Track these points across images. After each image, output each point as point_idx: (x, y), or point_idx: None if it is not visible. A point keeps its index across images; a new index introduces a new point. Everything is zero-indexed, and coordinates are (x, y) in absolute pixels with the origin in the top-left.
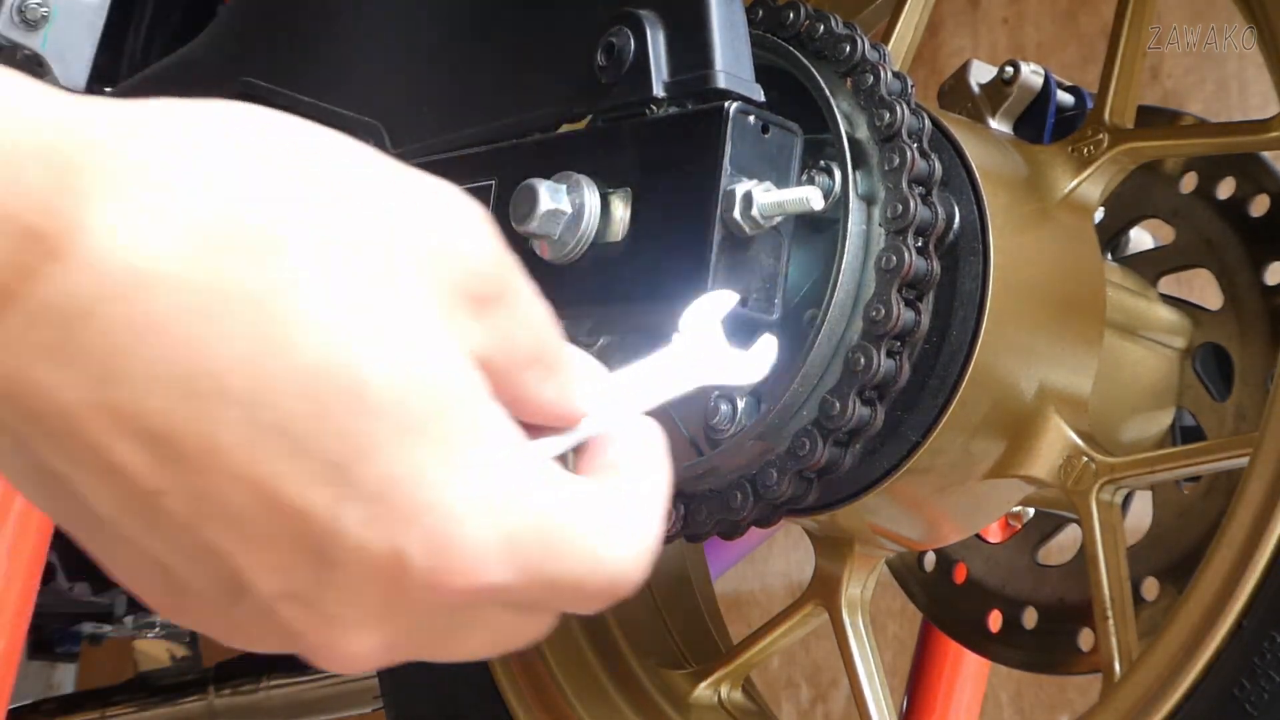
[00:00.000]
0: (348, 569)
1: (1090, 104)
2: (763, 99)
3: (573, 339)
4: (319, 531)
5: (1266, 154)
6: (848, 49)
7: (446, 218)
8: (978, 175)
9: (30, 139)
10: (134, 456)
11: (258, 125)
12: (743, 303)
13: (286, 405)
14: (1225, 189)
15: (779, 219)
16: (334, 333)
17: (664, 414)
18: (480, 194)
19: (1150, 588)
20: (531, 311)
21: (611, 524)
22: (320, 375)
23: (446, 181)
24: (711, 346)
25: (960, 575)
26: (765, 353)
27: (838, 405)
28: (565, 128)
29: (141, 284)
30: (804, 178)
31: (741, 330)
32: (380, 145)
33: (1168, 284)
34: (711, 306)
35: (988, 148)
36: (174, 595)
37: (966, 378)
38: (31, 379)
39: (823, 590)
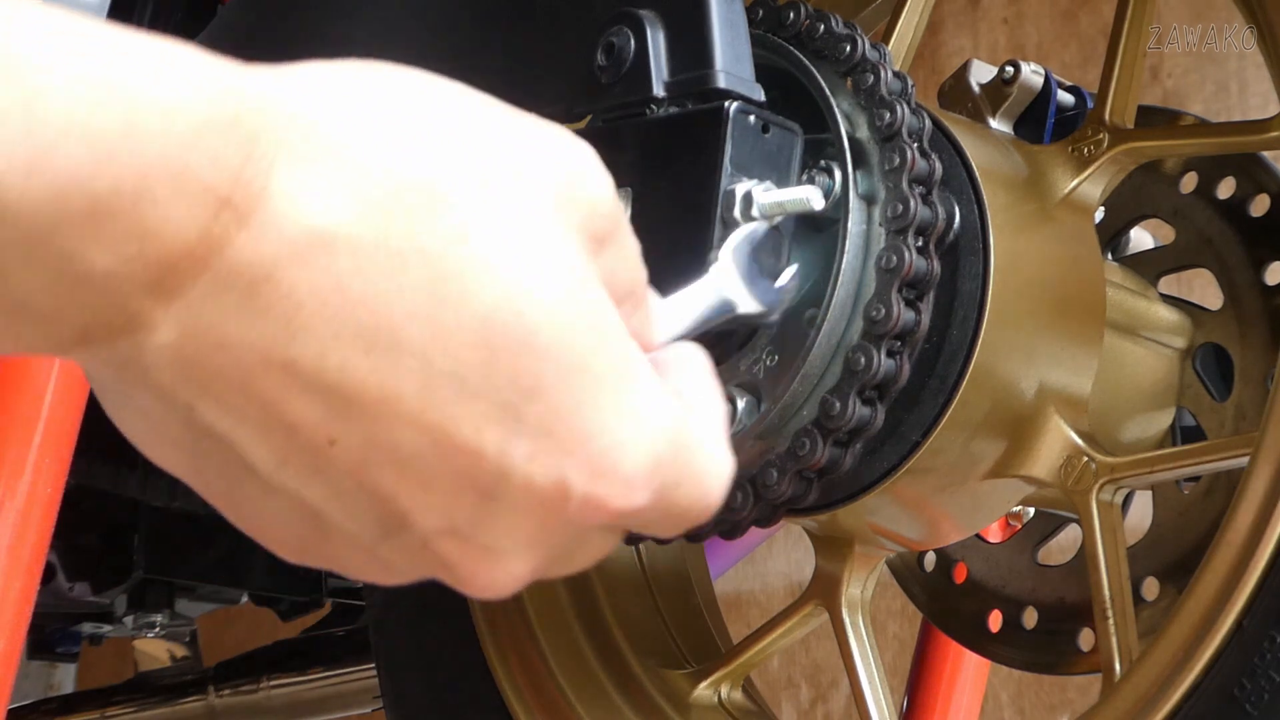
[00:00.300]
0: (511, 501)
1: (1090, 104)
2: (763, 99)
3: None
4: (488, 469)
5: (1266, 154)
6: (848, 49)
7: (573, 160)
8: (978, 175)
9: (219, 112)
10: (309, 410)
11: (401, 82)
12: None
13: (461, 353)
14: (1225, 189)
15: (779, 219)
16: (502, 282)
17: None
18: None
19: (1150, 588)
20: (633, 248)
21: (716, 446)
22: (492, 323)
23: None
24: (743, 274)
25: (960, 575)
26: (789, 282)
27: (838, 405)
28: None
29: (322, 245)
30: (804, 177)
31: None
32: None
33: (1168, 284)
34: (745, 238)
35: (988, 148)
36: (315, 540)
37: (966, 378)
38: (214, 340)
39: (823, 590)
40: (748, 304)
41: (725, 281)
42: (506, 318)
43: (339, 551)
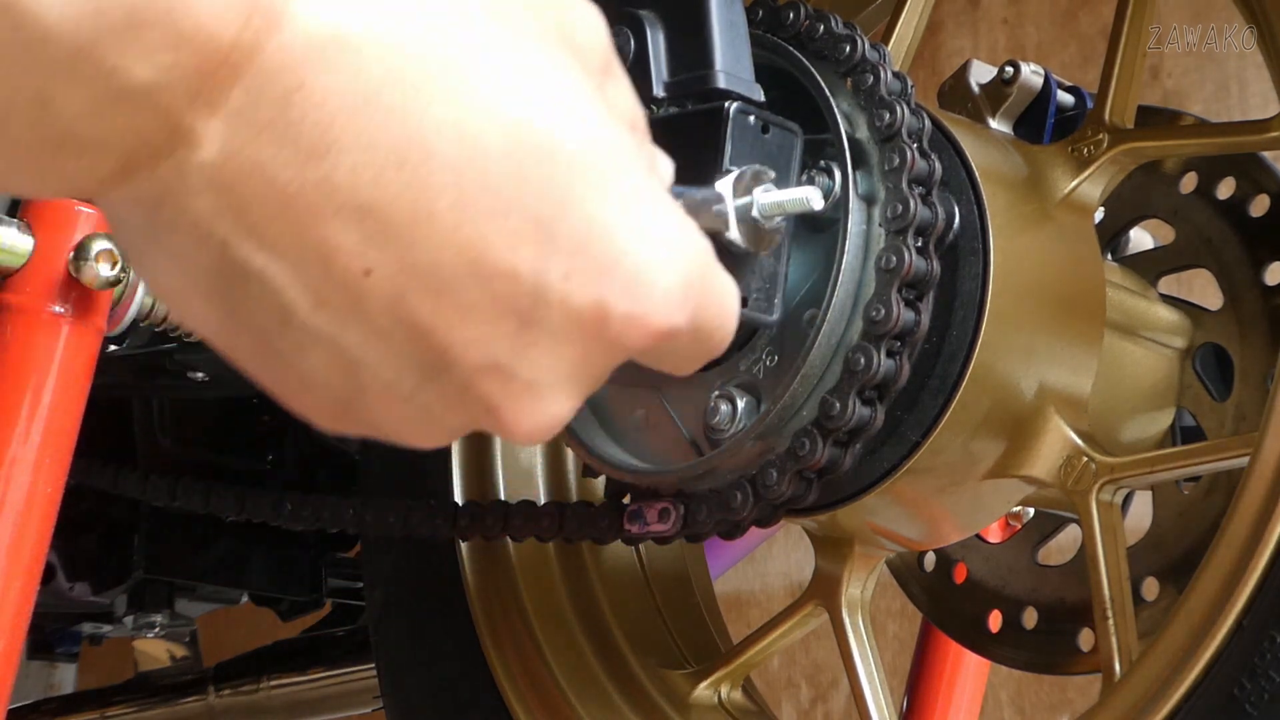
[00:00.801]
0: (551, 326)
1: (1090, 104)
2: (763, 99)
3: None
4: (525, 291)
5: (1266, 154)
6: (848, 49)
7: (570, 4)
8: (978, 175)
9: None
10: (344, 235)
11: None
12: (743, 303)
13: (491, 166)
14: (1225, 189)
15: (779, 219)
16: (527, 94)
17: (664, 413)
18: None
19: (1150, 588)
20: (626, 85)
21: (722, 269)
22: (519, 135)
23: None
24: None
25: (960, 575)
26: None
27: (838, 405)
28: None
29: (350, 48)
30: (804, 178)
31: None
32: None
33: (1168, 284)
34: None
35: (988, 148)
36: (354, 395)
37: (966, 378)
38: (251, 159)
39: (823, 590)
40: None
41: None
42: (535, 128)
43: (378, 406)
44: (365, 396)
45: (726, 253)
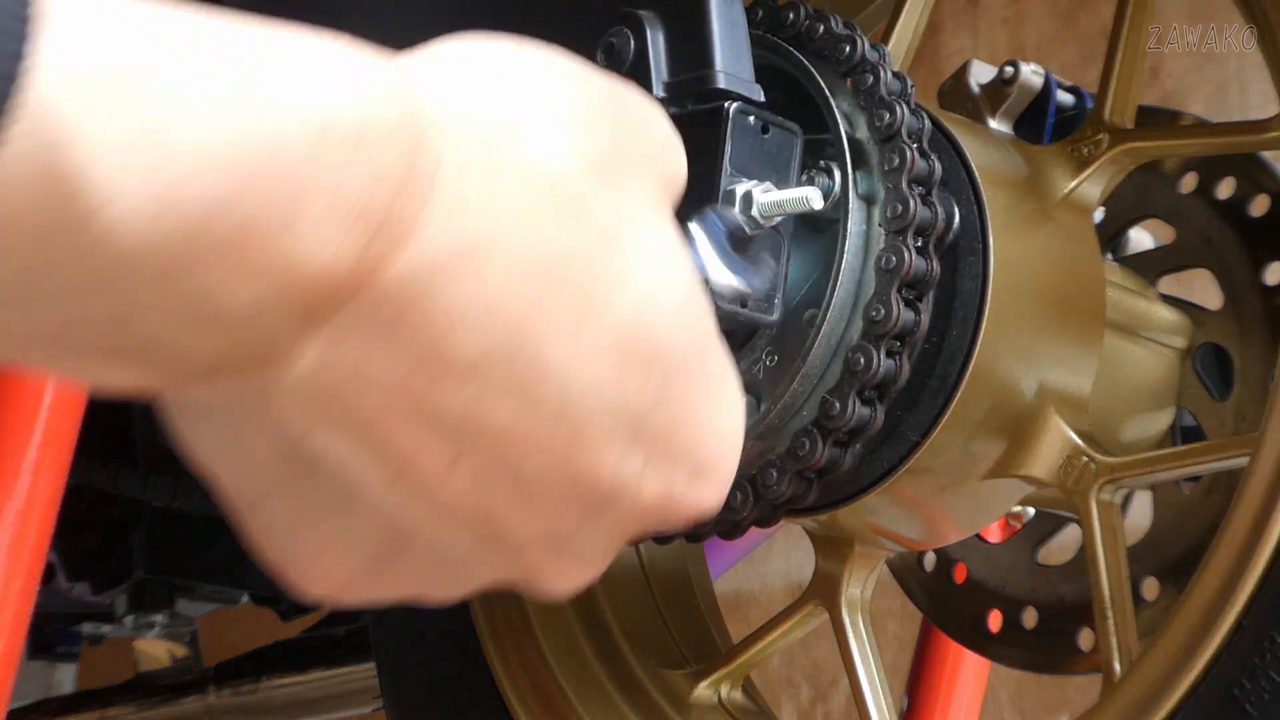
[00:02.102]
0: (618, 513)
1: (1090, 104)
2: (763, 99)
3: None
4: (604, 487)
5: (1266, 154)
6: (848, 49)
7: (667, 137)
8: (978, 175)
9: (377, 119)
10: (436, 438)
11: (523, 61)
12: (742, 303)
13: (599, 368)
14: (1225, 189)
15: (779, 219)
16: (640, 286)
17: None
18: None
19: (1150, 588)
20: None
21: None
22: (629, 331)
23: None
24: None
25: (960, 575)
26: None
27: (838, 405)
28: None
29: (481, 256)
30: (804, 178)
31: None
32: None
33: (1168, 284)
34: (716, 215)
35: (988, 148)
36: (386, 561)
37: (966, 377)
38: (351, 368)
39: (823, 590)
40: (720, 274)
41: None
42: (643, 325)
43: (413, 570)
44: (403, 561)
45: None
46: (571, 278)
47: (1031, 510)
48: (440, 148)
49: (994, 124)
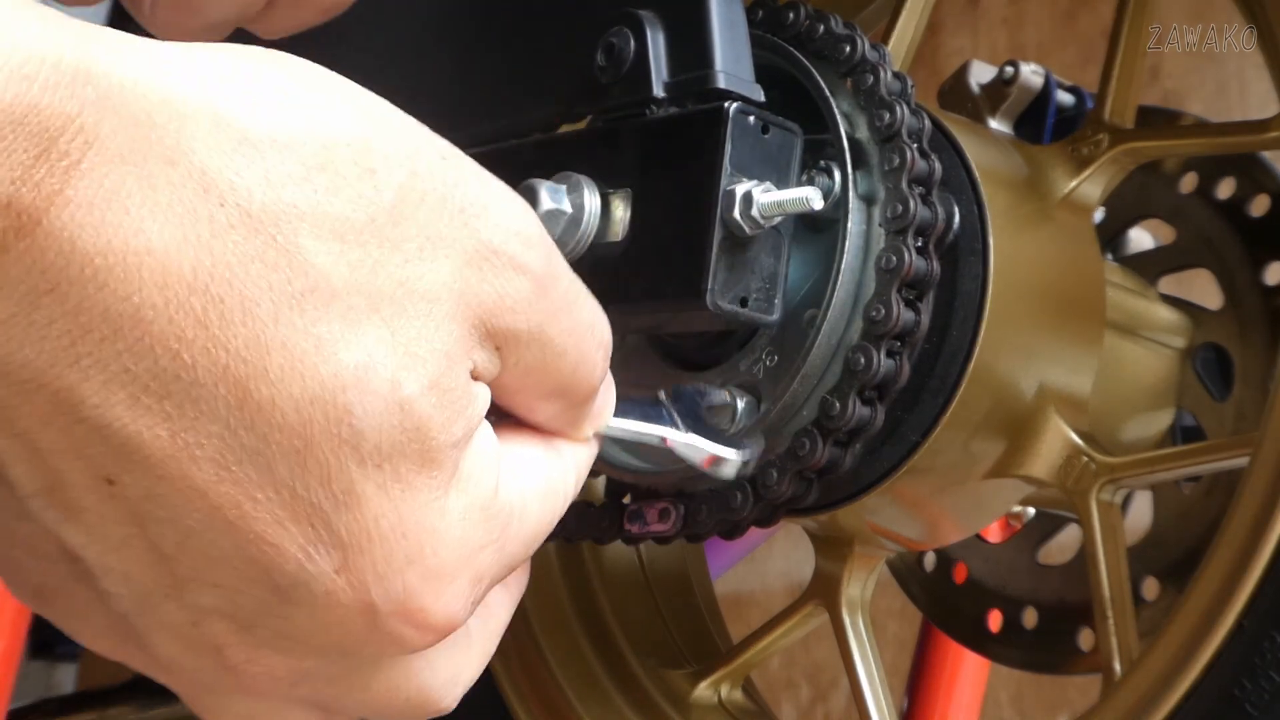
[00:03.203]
0: (309, 610)
1: (1090, 104)
2: (763, 99)
3: None
4: (285, 571)
5: (1266, 154)
6: (848, 49)
7: (502, 235)
8: (978, 175)
9: (15, 91)
10: (86, 445)
11: (282, 75)
12: (743, 303)
13: (272, 436)
14: (1225, 189)
15: (779, 219)
16: (338, 367)
17: (664, 413)
18: None
19: (1150, 588)
20: (565, 348)
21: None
22: (314, 412)
23: (502, 185)
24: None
25: (960, 575)
26: (742, 453)
27: (838, 405)
28: (565, 128)
29: (124, 271)
30: (804, 178)
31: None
32: None
33: (1168, 284)
34: (693, 394)
35: (988, 148)
36: (57, 586)
37: (966, 377)
38: None
39: (823, 590)
40: (699, 448)
41: (673, 433)
42: (333, 411)
43: (80, 609)
44: (68, 594)
45: (730, 249)
46: (247, 327)
47: (1031, 510)
48: (86, 140)
49: (994, 124)
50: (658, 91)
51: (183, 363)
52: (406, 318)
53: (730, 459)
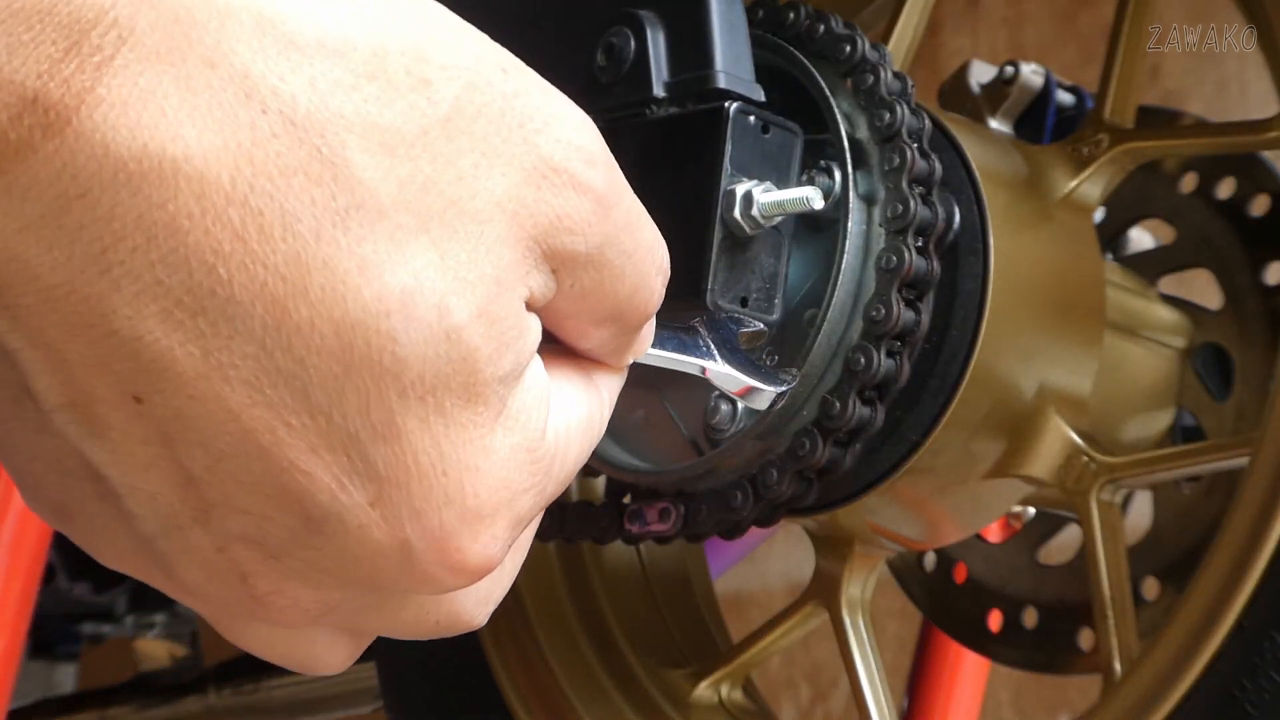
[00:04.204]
0: (340, 543)
1: (1090, 104)
2: (763, 99)
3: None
4: (317, 501)
5: (1266, 154)
6: (848, 49)
7: (563, 156)
8: (978, 175)
9: None
10: (116, 359)
11: None
12: (743, 302)
13: (309, 358)
14: (1225, 189)
15: (779, 219)
16: (383, 290)
17: (664, 413)
18: None
19: (1150, 588)
20: (624, 272)
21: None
22: (355, 336)
23: (565, 99)
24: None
25: (960, 575)
26: (778, 385)
27: (838, 405)
28: None
29: (159, 178)
30: (804, 178)
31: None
32: None
33: (1168, 284)
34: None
35: (988, 148)
36: (80, 500)
37: (967, 377)
38: (10, 250)
39: (823, 590)
40: (736, 376)
41: (711, 363)
42: (375, 337)
43: (102, 529)
44: (93, 510)
45: (730, 248)
46: (288, 242)
47: (1031, 510)
48: (119, 35)
49: (994, 124)
50: (658, 91)
51: (218, 277)
52: (457, 239)
53: (765, 390)
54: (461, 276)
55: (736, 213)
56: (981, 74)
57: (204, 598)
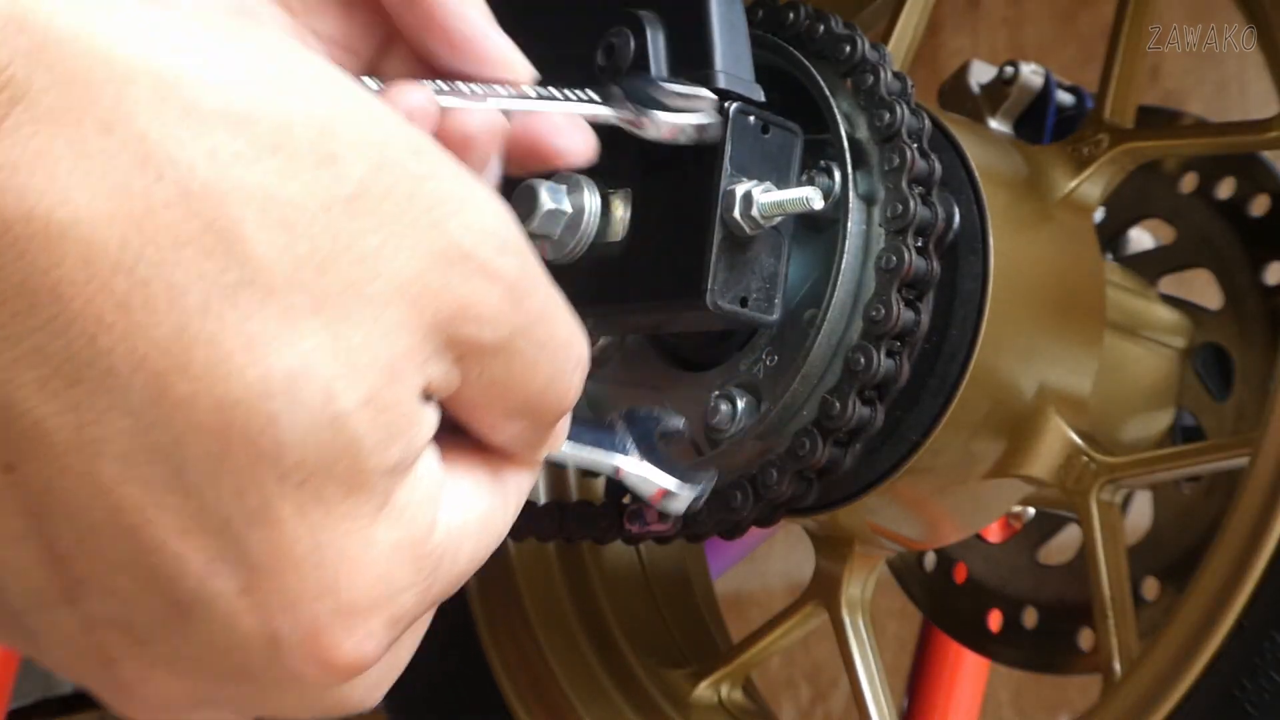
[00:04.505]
0: (208, 632)
1: (1090, 104)
2: (763, 99)
3: None
4: (185, 586)
5: (1266, 154)
6: (848, 49)
7: (471, 239)
8: (978, 175)
9: None
10: None
11: (239, 42)
12: (743, 303)
13: (185, 435)
14: (1225, 189)
15: (779, 219)
16: (268, 370)
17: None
18: None
19: (1150, 588)
20: (533, 372)
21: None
22: (238, 417)
23: (481, 184)
24: (646, 456)
25: (960, 575)
26: (693, 488)
27: (838, 405)
28: None
29: (44, 240)
30: (804, 178)
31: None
32: None
33: (1168, 284)
34: (648, 418)
35: (988, 148)
36: None
37: (966, 377)
38: None
39: (823, 590)
40: (650, 480)
41: (626, 462)
42: (255, 418)
43: None
44: None
45: (730, 248)
46: (172, 316)
47: (1031, 510)
48: (30, 88)
49: (994, 124)
50: None
51: (99, 348)
52: (352, 322)
53: (680, 494)
54: (353, 361)
55: (736, 213)
56: (981, 74)
57: (74, 677)
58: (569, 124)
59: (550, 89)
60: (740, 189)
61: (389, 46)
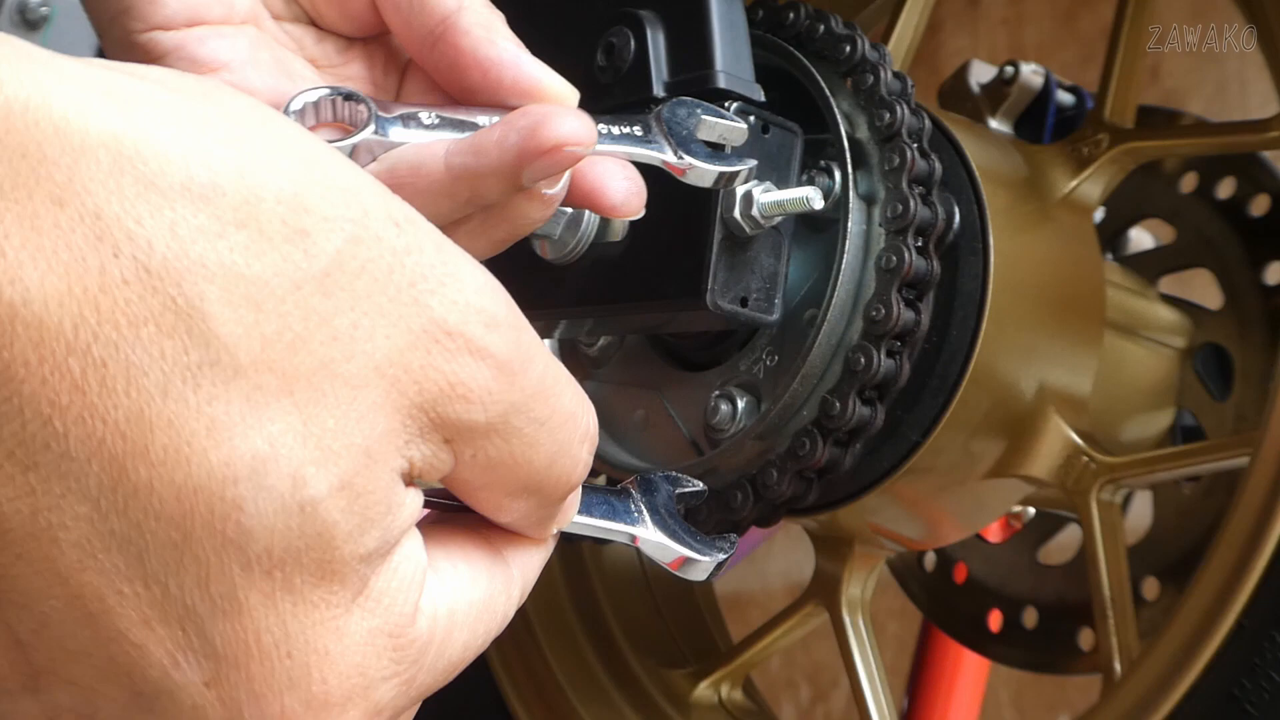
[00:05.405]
0: None
1: (1090, 104)
2: (763, 99)
3: (573, 339)
4: (148, 677)
5: (1266, 154)
6: (848, 49)
7: (457, 324)
8: (978, 175)
9: None
10: None
11: (203, 110)
12: (743, 302)
13: (147, 524)
14: (1225, 189)
15: (779, 219)
16: (232, 455)
17: (664, 413)
18: None
19: (1150, 588)
20: (535, 450)
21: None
22: (201, 503)
23: (467, 256)
24: (670, 530)
25: (960, 575)
26: (715, 555)
27: (838, 405)
28: None
29: (10, 322)
30: (804, 177)
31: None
32: None
33: (1168, 284)
34: (664, 483)
35: (988, 148)
36: None
37: (966, 377)
38: None
39: (823, 590)
40: (670, 547)
41: (644, 531)
42: (219, 504)
43: None
44: None
45: (730, 248)
46: (135, 402)
47: (1031, 510)
48: None
49: (994, 124)
50: (658, 91)
51: (53, 431)
52: (325, 404)
53: (702, 560)
54: (325, 445)
55: (736, 213)
56: (981, 74)
57: None
58: (619, 170)
59: (600, 125)
60: (740, 189)
61: (407, 75)
